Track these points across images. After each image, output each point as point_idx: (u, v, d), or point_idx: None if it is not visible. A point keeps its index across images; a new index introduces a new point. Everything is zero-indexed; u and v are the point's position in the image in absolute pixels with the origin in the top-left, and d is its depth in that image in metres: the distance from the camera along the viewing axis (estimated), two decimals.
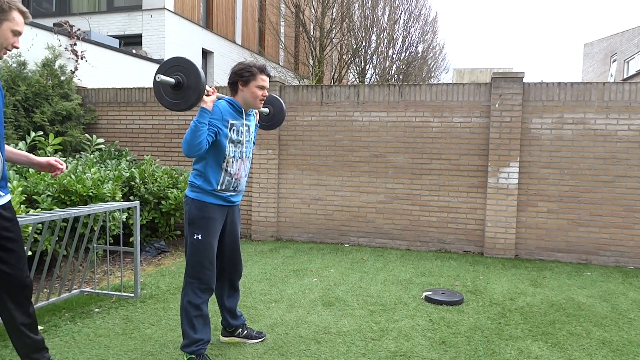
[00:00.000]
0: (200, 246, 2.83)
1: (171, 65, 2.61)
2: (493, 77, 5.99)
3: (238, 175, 2.93)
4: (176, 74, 2.59)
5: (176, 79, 2.58)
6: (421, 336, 3.43)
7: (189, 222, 2.87)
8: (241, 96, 2.88)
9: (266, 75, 2.88)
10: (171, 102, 2.63)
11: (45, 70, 6.92)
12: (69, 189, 4.58)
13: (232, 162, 2.87)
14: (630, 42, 22.97)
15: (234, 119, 2.85)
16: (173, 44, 11.85)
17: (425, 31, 16.42)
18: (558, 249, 5.88)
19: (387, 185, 6.38)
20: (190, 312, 2.83)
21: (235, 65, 2.94)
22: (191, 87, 2.57)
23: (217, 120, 2.75)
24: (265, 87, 2.88)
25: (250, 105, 2.92)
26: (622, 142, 5.67)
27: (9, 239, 2.44)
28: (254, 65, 2.86)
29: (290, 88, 6.75)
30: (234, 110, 2.87)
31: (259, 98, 2.87)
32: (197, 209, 2.84)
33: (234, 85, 2.89)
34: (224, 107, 2.81)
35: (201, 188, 2.84)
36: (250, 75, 2.83)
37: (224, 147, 2.81)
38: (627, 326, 3.71)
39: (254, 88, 2.85)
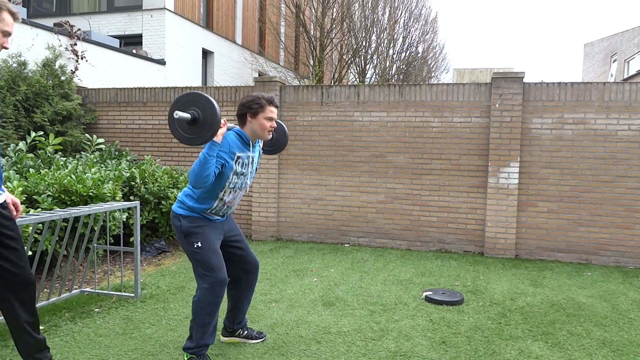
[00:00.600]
0: (203, 252, 2.81)
1: (187, 99, 2.61)
2: (493, 77, 5.99)
3: (231, 204, 2.97)
4: (192, 108, 2.59)
5: (192, 114, 2.57)
6: (421, 336, 3.43)
7: (184, 235, 2.85)
8: (249, 127, 2.88)
9: (274, 106, 2.89)
10: (185, 136, 2.62)
11: (45, 70, 6.93)
12: (69, 189, 4.58)
13: (229, 192, 2.90)
14: (631, 42, 22.96)
15: (240, 152, 2.86)
16: (173, 44, 11.85)
17: (425, 31, 16.43)
18: (558, 249, 5.88)
19: (387, 185, 6.38)
20: (204, 319, 2.81)
21: (243, 97, 2.93)
22: (207, 123, 2.57)
23: (225, 152, 2.76)
24: (274, 118, 2.89)
25: (258, 137, 2.92)
26: (623, 142, 5.67)
27: (10, 237, 2.45)
28: (263, 97, 2.87)
29: (290, 88, 6.75)
30: (242, 143, 2.88)
31: (267, 129, 2.88)
32: (189, 222, 2.84)
33: (243, 117, 2.88)
34: (232, 140, 2.82)
35: (191, 209, 2.85)
36: (259, 107, 2.84)
37: (226, 178, 2.82)
38: (628, 326, 3.71)
39: (263, 120, 2.85)
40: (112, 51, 9.31)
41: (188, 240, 2.84)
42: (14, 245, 2.46)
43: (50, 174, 4.68)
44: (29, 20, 7.65)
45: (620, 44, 24.17)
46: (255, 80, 6.71)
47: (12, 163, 5.20)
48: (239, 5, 15.24)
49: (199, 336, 2.83)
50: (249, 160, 2.93)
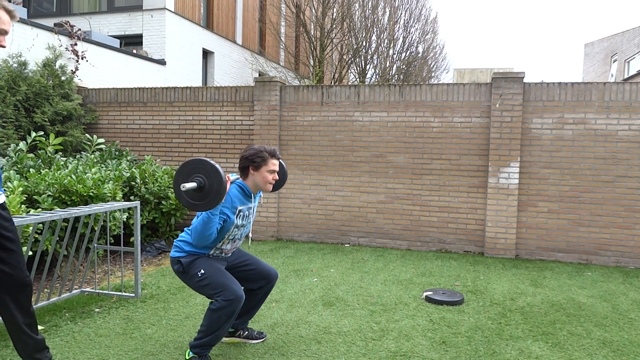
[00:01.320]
0: (209, 275, 2.79)
1: (192, 166, 2.63)
2: (493, 77, 5.98)
3: (228, 252, 3.01)
4: (197, 176, 2.61)
5: (198, 182, 2.60)
6: (421, 336, 3.43)
7: (185, 271, 2.85)
8: (252, 180, 2.91)
9: (276, 159, 2.92)
10: (192, 202, 2.63)
11: (45, 70, 6.93)
12: (69, 189, 4.59)
13: (227, 242, 2.92)
14: (631, 42, 22.96)
15: (242, 205, 2.88)
16: (174, 44, 11.86)
17: (425, 31, 16.43)
18: (558, 249, 5.88)
19: (387, 185, 6.38)
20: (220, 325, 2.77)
21: (245, 149, 2.94)
22: (213, 192, 2.59)
23: (227, 208, 2.79)
24: (276, 170, 2.92)
25: (260, 189, 2.95)
26: (623, 142, 5.67)
27: (8, 239, 2.44)
28: (265, 150, 2.89)
29: (290, 88, 6.75)
30: (244, 196, 2.90)
31: (269, 182, 2.91)
32: (188, 258, 2.86)
33: (245, 169, 2.90)
34: (234, 195, 2.84)
35: (190, 254, 2.87)
36: (261, 160, 2.86)
37: (227, 231, 2.85)
38: (628, 326, 3.71)
39: (265, 173, 2.88)
40: (113, 51, 9.31)
41: (190, 274, 2.84)
42: (12, 247, 2.46)
43: (51, 174, 4.68)
44: (29, 20, 7.65)
45: (620, 44, 24.17)
46: (256, 80, 6.72)
47: (12, 163, 5.20)
48: (239, 5, 15.24)
49: (209, 339, 2.82)
50: (250, 211, 2.96)
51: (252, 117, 6.76)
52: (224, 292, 2.74)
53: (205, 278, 2.79)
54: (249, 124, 6.79)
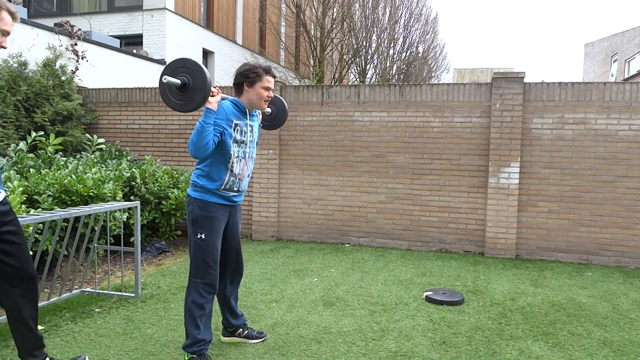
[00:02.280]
0: (204, 245, 2.84)
1: (177, 66, 2.62)
2: (494, 77, 5.98)
3: (241, 175, 2.94)
4: (182, 75, 2.60)
5: (182, 80, 2.58)
6: (422, 336, 3.43)
7: (192, 221, 2.87)
8: (246, 97, 2.89)
9: (272, 76, 2.89)
10: (178, 103, 2.64)
11: (46, 70, 6.93)
12: (69, 189, 4.58)
13: (236, 163, 2.88)
14: (631, 42, 22.95)
15: (237, 119, 2.85)
16: (174, 44, 11.85)
17: (425, 31, 16.43)
18: (559, 249, 5.88)
19: (387, 185, 6.38)
20: (195, 312, 2.84)
21: (240, 66, 2.93)
22: (197, 88, 2.58)
23: (222, 120, 2.76)
24: (271, 88, 2.89)
25: (254, 106, 2.92)
26: (623, 142, 5.66)
27: (13, 233, 2.46)
28: (260, 66, 2.87)
29: (291, 88, 6.75)
30: (238, 111, 2.87)
31: (263, 99, 2.88)
32: (200, 209, 2.85)
33: (240, 86, 2.89)
34: (228, 108, 2.82)
35: (204, 187, 2.85)
36: (256, 76, 2.84)
37: (228, 147, 2.81)
38: (628, 326, 3.71)
39: (260, 89, 2.85)
40: (113, 51, 9.31)
41: (194, 228, 2.86)
42: (16, 240, 2.49)
43: (51, 174, 4.68)
44: (30, 20, 7.65)
45: (620, 44, 24.16)
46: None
47: (12, 163, 5.20)
48: (240, 5, 15.25)
49: (192, 329, 2.84)
50: (248, 128, 2.93)
51: None
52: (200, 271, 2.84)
53: (200, 244, 2.83)
54: None
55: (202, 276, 2.84)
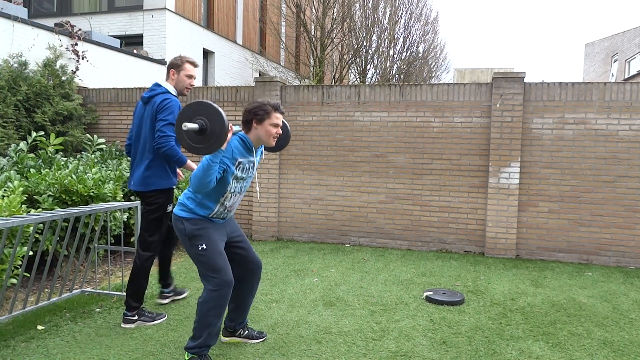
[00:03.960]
0: (209, 253, 2.81)
1: (195, 109, 2.60)
2: (494, 77, 5.98)
3: (231, 208, 2.98)
4: (199, 118, 2.58)
5: (200, 124, 2.56)
6: (422, 336, 3.43)
7: (188, 237, 2.85)
8: (254, 133, 2.89)
9: (280, 113, 2.90)
10: (193, 145, 2.60)
11: (46, 70, 6.93)
12: (70, 189, 4.59)
13: (230, 197, 2.91)
14: (632, 42, 22.95)
15: (242, 157, 2.86)
16: (174, 44, 11.86)
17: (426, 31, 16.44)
18: (559, 249, 5.88)
19: (387, 185, 6.38)
20: (211, 320, 2.80)
21: (249, 103, 2.93)
22: (215, 134, 2.55)
23: (227, 158, 2.77)
24: (279, 124, 2.90)
25: (262, 143, 2.93)
26: (623, 142, 5.66)
27: None
28: (269, 103, 2.87)
29: (291, 88, 6.75)
30: (245, 149, 2.88)
31: (272, 136, 2.89)
32: (192, 224, 2.85)
33: (248, 123, 2.88)
34: (235, 146, 2.82)
35: (193, 212, 2.86)
36: (264, 113, 2.84)
37: (227, 183, 2.83)
38: (629, 326, 3.71)
39: (268, 126, 2.86)
40: (113, 51, 9.31)
41: (192, 243, 2.84)
42: None
43: (51, 174, 4.69)
44: (30, 20, 7.65)
45: (621, 44, 24.15)
46: (256, 80, 6.72)
47: (13, 163, 5.20)
48: (240, 5, 15.25)
49: (204, 337, 2.82)
50: (250, 165, 2.94)
51: None
52: (214, 276, 2.79)
53: (204, 255, 2.81)
54: None
55: (216, 283, 2.78)
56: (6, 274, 3.30)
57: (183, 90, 3.65)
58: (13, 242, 3.65)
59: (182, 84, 3.62)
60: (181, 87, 3.64)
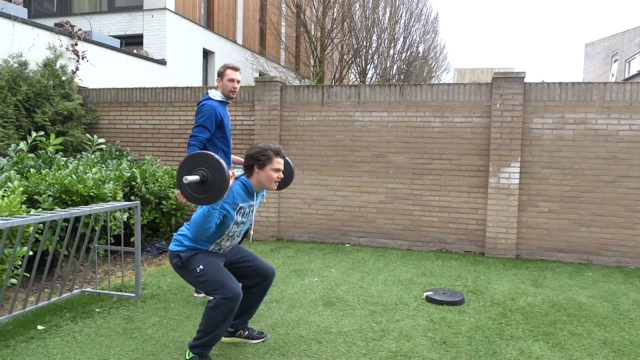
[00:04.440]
0: (207, 271, 2.80)
1: (196, 160, 2.61)
2: (494, 77, 5.98)
3: (227, 249, 3.01)
4: (201, 169, 2.59)
5: (201, 175, 2.58)
6: (422, 336, 3.43)
7: (184, 266, 2.85)
8: (256, 178, 2.89)
9: (281, 158, 2.90)
10: (193, 195, 2.61)
11: (46, 70, 6.93)
12: (70, 189, 4.59)
13: (227, 239, 2.92)
14: (632, 42, 22.95)
15: (243, 202, 2.87)
16: (174, 44, 11.86)
17: (426, 31, 16.44)
18: (559, 249, 5.88)
19: (388, 185, 6.38)
20: (219, 324, 2.78)
21: (250, 148, 2.92)
22: (215, 186, 2.56)
23: (228, 204, 2.78)
24: (281, 169, 2.90)
25: (264, 187, 2.93)
26: (624, 142, 5.66)
27: None
28: (270, 148, 2.87)
29: (291, 88, 6.75)
30: (246, 193, 2.89)
31: (274, 181, 2.89)
32: (187, 253, 2.86)
33: (250, 168, 2.89)
34: (237, 191, 2.83)
35: (189, 248, 2.87)
36: (266, 159, 2.84)
37: (226, 227, 2.84)
38: (629, 326, 3.71)
39: (270, 171, 2.86)
40: (113, 51, 9.31)
41: (189, 269, 2.84)
42: None
43: (51, 174, 4.69)
44: (30, 20, 7.65)
45: (621, 44, 24.16)
46: (256, 80, 6.71)
47: (13, 163, 5.20)
48: (240, 5, 15.25)
49: (208, 338, 2.81)
50: (250, 209, 2.95)
51: (253, 117, 6.76)
52: (221, 290, 2.74)
53: (204, 274, 2.79)
54: (250, 124, 6.79)
55: (225, 295, 2.75)
56: (6, 274, 3.30)
57: (229, 94, 4.12)
58: (13, 242, 3.65)
59: (226, 88, 4.10)
60: (227, 91, 4.11)
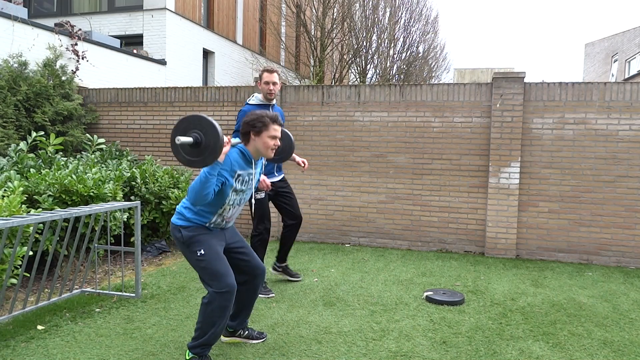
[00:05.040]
0: (207, 258, 2.80)
1: (189, 122, 2.61)
2: (494, 77, 5.98)
3: (230, 219, 2.99)
4: (194, 131, 2.59)
5: (194, 137, 2.58)
6: (422, 336, 3.43)
7: (186, 244, 2.85)
8: (253, 145, 2.88)
9: (278, 125, 2.89)
10: (187, 159, 2.62)
11: (46, 70, 6.93)
12: (70, 189, 4.59)
13: (228, 209, 2.91)
14: (632, 42, 22.95)
15: (242, 169, 2.86)
16: (174, 44, 11.86)
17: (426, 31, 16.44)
18: (559, 249, 5.88)
19: (388, 185, 6.38)
20: (215, 320, 2.79)
21: (247, 115, 2.92)
22: (209, 149, 2.57)
23: (226, 171, 2.77)
24: (277, 136, 2.89)
25: (261, 155, 2.92)
26: (624, 142, 5.66)
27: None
28: (266, 115, 2.86)
29: (291, 88, 6.75)
30: (244, 161, 2.88)
31: (270, 148, 2.88)
32: (189, 231, 2.85)
33: (247, 134, 2.88)
34: (234, 158, 2.82)
35: (190, 221, 2.86)
36: (262, 125, 2.84)
37: (226, 195, 2.83)
38: (629, 326, 3.71)
39: (266, 138, 2.85)
40: (113, 51, 9.31)
41: (190, 249, 2.84)
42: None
43: (51, 174, 4.69)
44: (30, 20, 7.65)
45: (621, 44, 24.16)
46: (256, 80, 6.71)
47: (13, 163, 5.20)
48: (240, 5, 15.24)
49: (207, 337, 2.81)
50: (250, 177, 2.94)
51: None
52: (216, 283, 2.76)
53: (204, 260, 2.80)
54: None
55: (219, 287, 2.77)
56: (6, 274, 3.30)
57: (267, 95, 4.27)
58: (13, 242, 3.65)
59: (264, 91, 4.28)
60: (265, 93, 4.28)
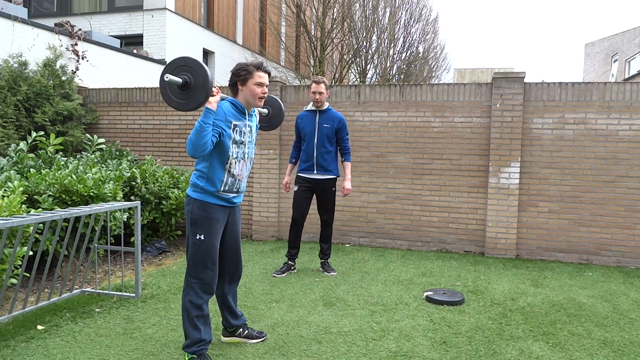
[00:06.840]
0: (203, 246, 2.85)
1: (178, 65, 2.63)
2: (494, 77, 5.98)
3: (240, 176, 2.96)
4: (183, 73, 2.60)
5: (183, 78, 2.59)
6: (422, 336, 3.43)
7: (191, 222, 2.88)
8: (242, 96, 2.91)
9: (263, 71, 2.90)
10: (179, 102, 2.65)
11: (46, 70, 6.93)
12: (70, 189, 4.59)
13: (234, 163, 2.89)
14: (632, 42, 22.95)
15: (237, 120, 2.87)
16: (174, 44, 11.86)
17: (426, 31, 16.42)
18: (559, 249, 5.88)
19: (388, 185, 6.38)
20: (192, 312, 2.84)
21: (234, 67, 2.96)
22: (199, 87, 2.58)
23: (220, 121, 2.77)
24: (264, 84, 2.90)
25: (251, 104, 2.94)
26: (624, 142, 5.66)
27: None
28: (251, 63, 2.89)
29: (291, 88, 6.75)
30: (237, 111, 2.89)
31: (258, 95, 2.89)
32: (200, 209, 2.86)
33: (234, 86, 2.92)
34: (227, 108, 2.83)
35: (204, 189, 2.86)
36: (247, 73, 2.86)
37: (227, 148, 2.83)
38: (629, 326, 3.71)
39: (252, 86, 2.87)
40: (113, 51, 9.31)
41: (193, 229, 2.87)
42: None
43: (51, 174, 4.69)
44: (30, 20, 7.65)
45: (621, 44, 24.16)
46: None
47: (13, 163, 5.20)
48: (240, 5, 15.24)
49: (190, 329, 2.85)
50: (247, 129, 2.94)
51: None
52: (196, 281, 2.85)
53: (199, 245, 2.84)
54: None
55: (199, 277, 2.85)
56: (6, 274, 3.30)
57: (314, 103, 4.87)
58: (13, 242, 3.65)
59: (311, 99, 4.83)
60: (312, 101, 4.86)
